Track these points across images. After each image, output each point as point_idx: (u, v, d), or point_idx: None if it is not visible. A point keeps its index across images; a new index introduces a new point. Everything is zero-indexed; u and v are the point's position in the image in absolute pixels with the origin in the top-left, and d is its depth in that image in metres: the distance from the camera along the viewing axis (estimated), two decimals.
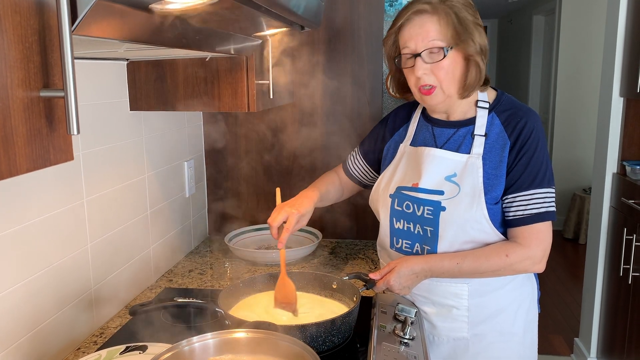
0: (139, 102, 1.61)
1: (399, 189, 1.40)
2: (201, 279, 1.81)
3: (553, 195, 1.31)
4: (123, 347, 1.21)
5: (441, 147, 1.36)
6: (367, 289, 1.38)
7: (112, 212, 1.52)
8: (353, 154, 1.61)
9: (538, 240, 1.30)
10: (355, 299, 1.36)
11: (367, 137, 1.59)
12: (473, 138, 1.33)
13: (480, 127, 1.33)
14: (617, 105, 2.77)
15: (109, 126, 1.51)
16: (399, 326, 1.30)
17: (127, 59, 1.57)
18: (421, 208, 1.35)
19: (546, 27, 6.24)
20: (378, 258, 1.58)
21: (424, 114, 1.45)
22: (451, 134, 1.37)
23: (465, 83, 1.29)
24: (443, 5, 1.25)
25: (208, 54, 1.43)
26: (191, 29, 0.98)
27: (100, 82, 1.47)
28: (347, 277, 1.44)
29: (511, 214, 1.31)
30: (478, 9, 1.31)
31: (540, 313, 1.48)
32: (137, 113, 1.65)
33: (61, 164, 0.91)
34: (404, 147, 1.45)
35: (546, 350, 3.32)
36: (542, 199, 1.29)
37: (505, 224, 1.34)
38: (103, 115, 1.48)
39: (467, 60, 1.28)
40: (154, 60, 1.56)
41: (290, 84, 2.07)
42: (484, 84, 1.35)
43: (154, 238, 1.79)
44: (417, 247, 1.38)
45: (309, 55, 2.10)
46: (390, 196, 1.41)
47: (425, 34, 1.25)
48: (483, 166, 1.31)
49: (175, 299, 1.37)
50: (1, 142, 0.55)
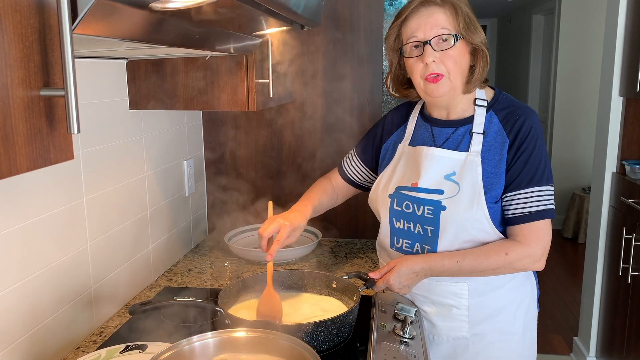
0: (139, 101, 1.61)
1: (398, 189, 1.40)
2: (201, 278, 1.81)
3: (552, 192, 1.31)
4: (122, 347, 1.21)
5: (440, 147, 1.36)
6: (367, 288, 1.38)
7: (112, 211, 1.52)
8: (349, 157, 1.60)
9: (537, 238, 1.30)
10: (355, 298, 1.36)
11: (364, 139, 1.58)
12: (471, 136, 1.33)
13: (478, 125, 1.34)
14: (617, 104, 2.77)
15: (109, 125, 1.51)
16: (399, 325, 1.30)
17: (127, 58, 1.56)
18: (421, 208, 1.35)
19: (546, 27, 6.24)
20: (378, 257, 1.58)
21: (422, 114, 1.45)
22: (450, 133, 1.37)
23: (471, 75, 1.31)
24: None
25: (208, 53, 1.43)
26: (191, 28, 0.98)
27: (99, 81, 1.47)
28: (347, 277, 1.44)
29: (510, 212, 1.31)
30: (477, 9, 1.32)
31: (539, 312, 1.49)
32: (137, 112, 1.65)
33: (61, 163, 0.91)
34: (403, 147, 1.45)
35: (545, 349, 3.32)
36: (541, 197, 1.29)
37: (504, 222, 1.34)
38: (103, 114, 1.48)
39: (474, 52, 1.30)
40: (154, 59, 1.56)
41: (290, 83, 2.07)
42: (483, 82, 1.36)
43: (154, 237, 1.79)
44: (418, 247, 1.38)
45: (309, 54, 2.10)
46: (389, 196, 1.41)
47: (434, 22, 1.26)
48: (482, 164, 1.31)
49: (174, 298, 1.37)
50: (1, 141, 0.55)
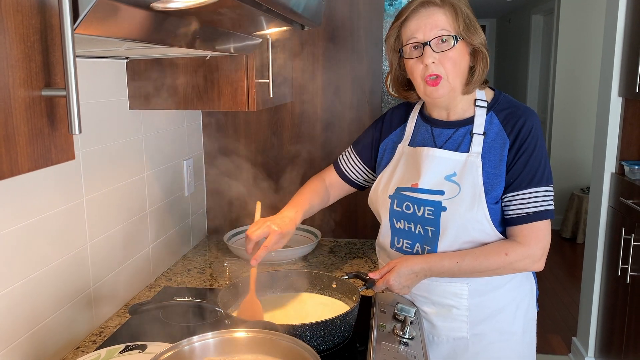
0: (139, 101, 1.61)
1: (398, 190, 1.39)
2: (200, 278, 1.81)
3: (552, 193, 1.31)
4: (122, 347, 1.21)
5: (441, 147, 1.36)
6: (367, 289, 1.38)
7: (111, 211, 1.52)
8: (346, 154, 1.57)
9: (537, 238, 1.30)
10: (354, 299, 1.36)
11: (362, 137, 1.56)
12: (472, 137, 1.33)
13: (478, 126, 1.34)
14: (616, 105, 2.77)
15: (109, 125, 1.50)
16: (399, 326, 1.30)
17: (127, 58, 1.56)
18: (421, 208, 1.35)
19: (545, 27, 6.25)
20: (377, 258, 1.58)
21: (422, 114, 1.45)
22: (450, 134, 1.37)
23: (471, 76, 1.31)
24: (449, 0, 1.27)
25: (208, 53, 1.43)
26: (192, 28, 0.98)
27: (99, 81, 1.47)
28: (347, 277, 1.44)
29: (510, 213, 1.31)
30: (476, 9, 1.32)
31: (538, 312, 1.49)
32: (137, 112, 1.65)
33: (60, 163, 0.91)
34: (403, 148, 1.44)
35: (544, 349, 3.32)
36: (541, 198, 1.29)
37: (504, 223, 1.34)
38: (102, 114, 1.48)
39: (474, 53, 1.30)
40: (154, 58, 1.56)
41: (290, 83, 2.07)
42: (483, 83, 1.36)
43: (153, 237, 1.79)
44: (418, 247, 1.38)
45: (309, 54, 2.10)
46: (389, 197, 1.41)
47: (434, 23, 1.26)
48: (483, 165, 1.31)
49: (174, 298, 1.37)
50: (3, 142, 0.55)
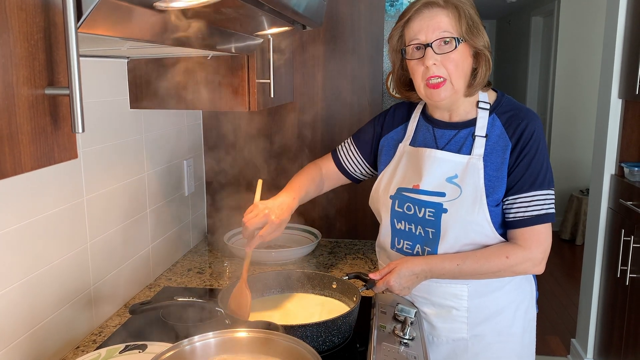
0: (140, 100, 1.61)
1: (400, 190, 1.39)
2: (200, 278, 1.81)
3: (553, 197, 1.31)
4: (122, 346, 1.21)
5: (442, 149, 1.36)
6: (367, 289, 1.38)
7: (112, 211, 1.52)
8: (345, 145, 1.56)
9: (538, 242, 1.30)
10: (355, 299, 1.36)
11: (363, 130, 1.55)
12: (474, 139, 1.33)
13: (481, 128, 1.33)
14: (616, 107, 2.77)
15: (109, 124, 1.50)
16: (399, 326, 1.30)
17: (128, 57, 1.56)
18: (422, 210, 1.34)
19: (545, 29, 6.25)
20: (377, 258, 1.58)
21: (424, 114, 1.45)
22: (452, 136, 1.36)
23: (473, 78, 1.30)
24: (453, 1, 1.26)
25: (209, 53, 1.43)
26: (194, 28, 0.98)
27: (100, 80, 1.47)
28: (347, 277, 1.44)
29: (511, 216, 1.31)
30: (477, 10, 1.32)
31: (537, 314, 1.49)
32: (138, 111, 1.65)
33: (63, 162, 0.91)
34: (404, 147, 1.44)
35: (543, 351, 3.32)
36: (543, 201, 1.29)
37: (504, 226, 1.34)
38: (103, 113, 1.48)
39: (477, 55, 1.29)
40: (155, 58, 1.56)
41: (290, 83, 2.07)
42: (486, 85, 1.35)
43: (153, 236, 1.79)
44: (418, 248, 1.38)
45: (310, 54, 2.10)
46: (390, 197, 1.41)
47: (436, 25, 1.25)
48: (484, 167, 1.31)
49: (174, 298, 1.37)
50: (6, 140, 0.54)
